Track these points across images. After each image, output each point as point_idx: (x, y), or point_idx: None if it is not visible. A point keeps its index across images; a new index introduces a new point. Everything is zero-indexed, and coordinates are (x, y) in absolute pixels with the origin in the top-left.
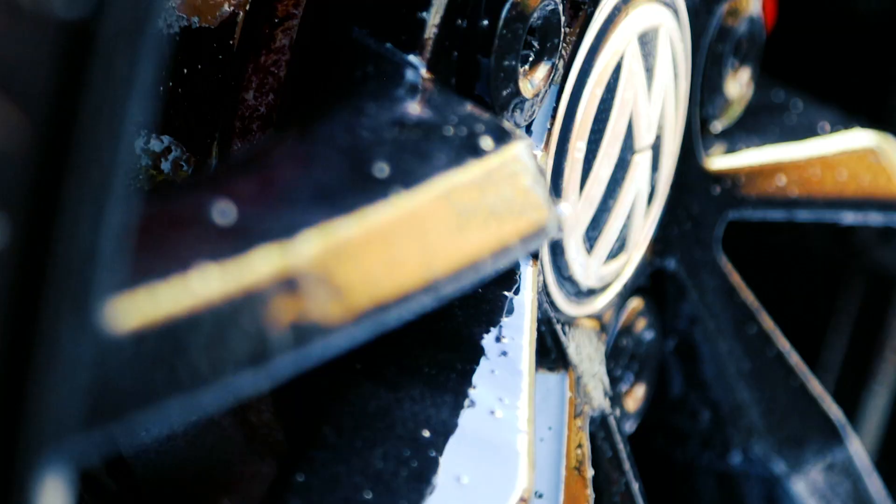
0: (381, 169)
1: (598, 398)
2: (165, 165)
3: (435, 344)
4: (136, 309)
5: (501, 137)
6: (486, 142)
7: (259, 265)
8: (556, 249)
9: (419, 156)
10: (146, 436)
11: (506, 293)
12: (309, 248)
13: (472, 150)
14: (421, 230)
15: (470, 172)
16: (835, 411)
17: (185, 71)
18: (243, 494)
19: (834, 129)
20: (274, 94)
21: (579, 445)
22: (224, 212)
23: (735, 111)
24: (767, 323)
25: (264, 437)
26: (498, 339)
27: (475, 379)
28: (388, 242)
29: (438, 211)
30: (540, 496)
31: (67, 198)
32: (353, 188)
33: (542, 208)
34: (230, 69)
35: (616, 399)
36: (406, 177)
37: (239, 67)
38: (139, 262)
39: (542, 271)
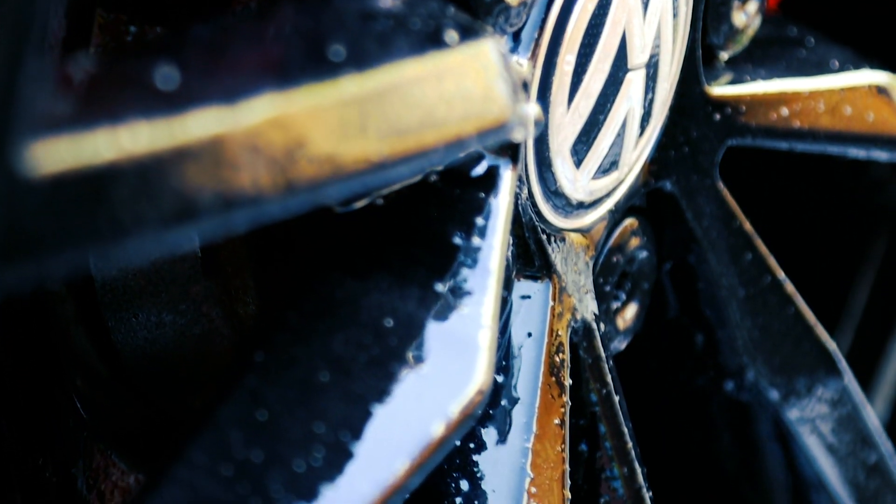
0: (337, 52)
1: (583, 310)
2: None
3: (407, 239)
4: (56, 154)
5: (468, 33)
6: (452, 35)
7: (192, 127)
8: (543, 162)
9: (379, 43)
10: (134, 321)
11: (482, 194)
12: (247, 115)
13: (435, 42)
14: (366, 111)
15: (429, 63)
16: (829, 341)
17: None
18: None
19: (843, 68)
20: None
21: (559, 353)
22: (167, 76)
23: (741, 41)
24: (763, 250)
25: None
26: (470, 239)
27: (443, 275)
28: (329, 119)
29: (388, 95)
30: (516, 401)
31: None
32: (303, 66)
33: (504, 105)
34: None
35: (607, 316)
36: (361, 61)
37: None
38: (69, 113)
39: (527, 181)
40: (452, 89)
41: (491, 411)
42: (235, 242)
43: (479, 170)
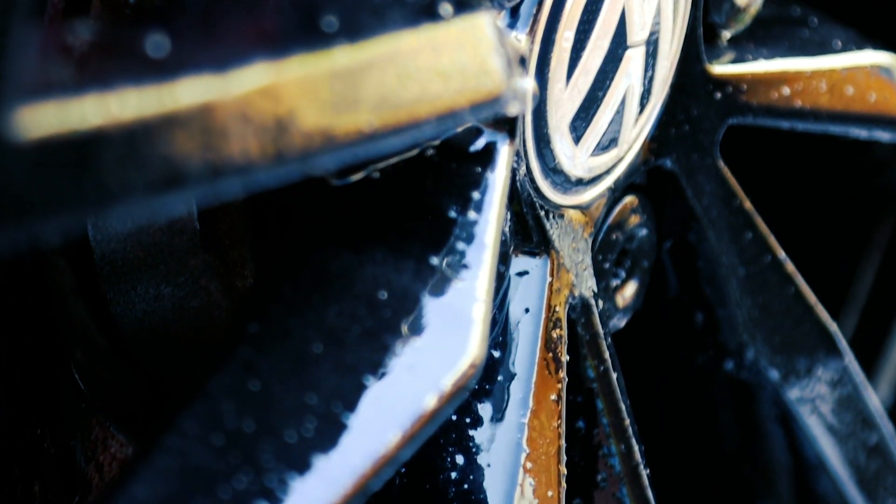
0: (331, 23)
1: (581, 286)
2: None
3: (402, 212)
4: (43, 119)
5: (463, 6)
6: (446, 8)
7: (182, 94)
8: (541, 138)
9: (372, 14)
10: (133, 294)
11: (479, 169)
12: (238, 84)
13: (429, 14)
14: (358, 83)
15: (423, 35)
16: (830, 322)
17: None
18: None
19: (846, 49)
20: None
21: (556, 329)
22: (158, 44)
23: (743, 20)
24: (763, 229)
25: None
26: (466, 213)
27: (439, 248)
28: (320, 90)
29: (380, 67)
30: (513, 377)
31: None
32: (296, 36)
33: (498, 79)
34: None
35: (606, 293)
36: (353, 32)
37: None
38: (58, 79)
39: (525, 157)
40: (446, 62)
41: (487, 386)
42: (233, 216)
43: (478, 145)
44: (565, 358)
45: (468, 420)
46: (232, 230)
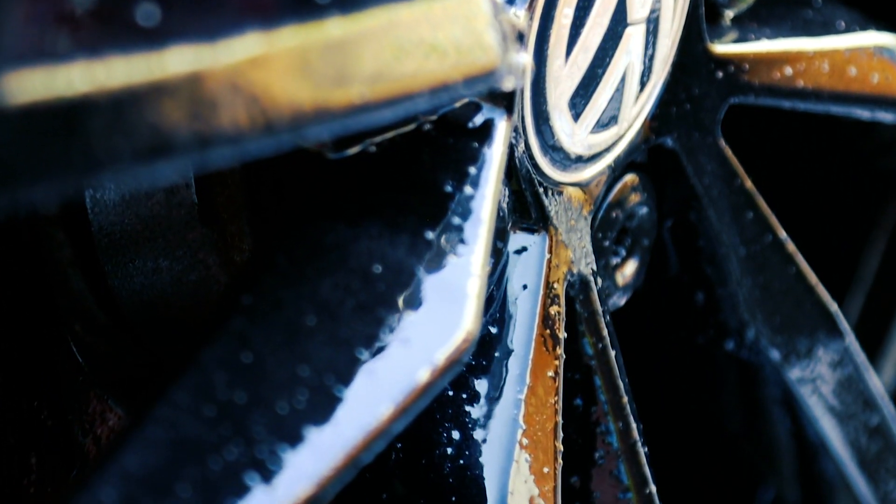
0: None
1: (580, 264)
2: None
3: (399, 187)
4: (29, 85)
5: None
6: None
7: (170, 63)
8: (540, 115)
9: None
10: (131, 267)
11: (476, 144)
12: (228, 54)
13: None
14: (350, 54)
15: (417, 7)
16: (831, 302)
17: None
18: None
19: (849, 30)
20: None
21: (554, 305)
22: (148, 13)
23: (746, 0)
24: (765, 209)
25: None
26: (462, 188)
27: (434, 223)
28: (312, 61)
29: (374, 38)
30: (510, 353)
31: None
32: (288, 7)
33: (493, 53)
34: None
35: (605, 271)
36: (347, 4)
37: None
38: (45, 46)
39: (524, 134)
40: (440, 36)
41: (484, 362)
42: (231, 190)
43: (476, 120)
44: (563, 335)
45: (465, 396)
46: (230, 204)
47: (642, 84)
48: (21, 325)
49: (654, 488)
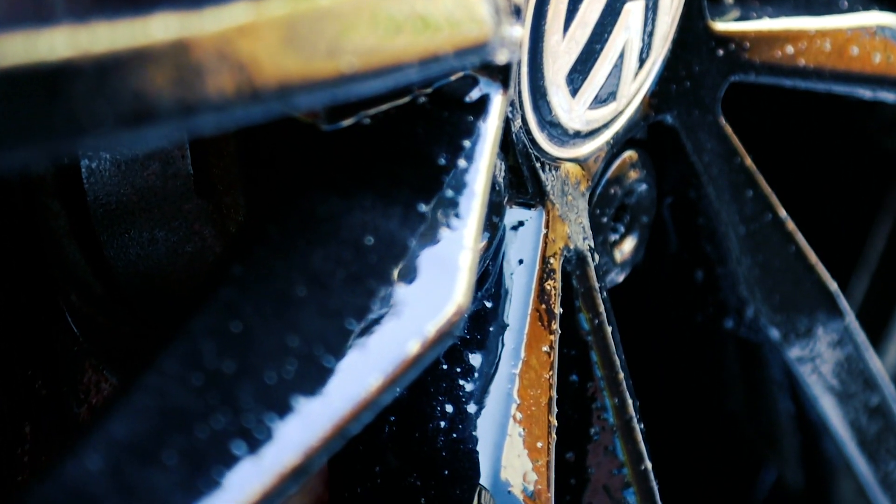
0: None
1: (577, 239)
2: None
3: (392, 159)
4: (10, 49)
5: None
6: None
7: (155, 29)
8: (537, 91)
9: None
10: (127, 237)
11: (471, 118)
12: (214, 22)
13: None
14: (338, 24)
15: None
16: (830, 281)
17: None
18: None
19: (852, 9)
20: None
21: (550, 280)
22: None
23: None
24: (765, 187)
25: None
26: (456, 161)
27: (428, 195)
28: (301, 30)
29: (364, 8)
30: (505, 327)
31: None
32: None
33: (485, 25)
34: None
35: (603, 248)
36: None
37: None
38: (28, 11)
39: (521, 109)
40: (431, 7)
41: (479, 337)
42: (227, 161)
43: (472, 94)
44: (559, 310)
45: (459, 369)
46: (226, 176)
47: (641, 61)
48: (16, 294)
49: (649, 464)
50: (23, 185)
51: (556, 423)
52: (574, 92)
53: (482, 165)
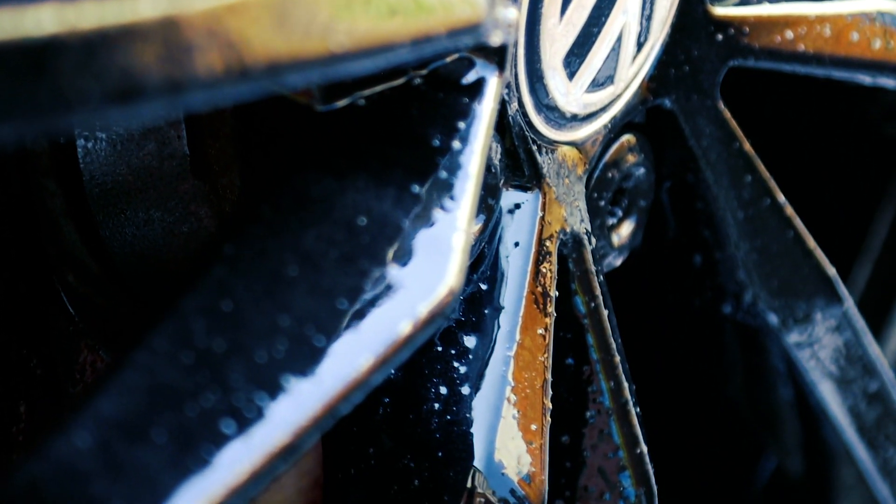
0: None
1: (573, 222)
2: None
3: (386, 140)
4: None
5: None
6: None
7: (144, 6)
8: (534, 73)
9: None
10: (123, 217)
11: (466, 99)
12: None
13: None
14: (329, 3)
15: None
16: (829, 267)
17: None
18: None
19: None
20: None
21: (546, 262)
22: None
23: None
24: (763, 172)
25: None
26: (450, 142)
27: (421, 176)
28: (291, 9)
29: None
30: (500, 310)
31: None
32: None
33: (478, 6)
34: None
35: (601, 231)
36: None
37: None
38: None
39: (517, 91)
40: None
41: (474, 319)
42: (223, 142)
43: (467, 76)
44: (554, 293)
45: (454, 351)
46: (222, 157)
47: (639, 44)
48: (12, 274)
49: (645, 448)
50: (19, 164)
51: (551, 406)
52: (571, 75)
53: (477, 147)
